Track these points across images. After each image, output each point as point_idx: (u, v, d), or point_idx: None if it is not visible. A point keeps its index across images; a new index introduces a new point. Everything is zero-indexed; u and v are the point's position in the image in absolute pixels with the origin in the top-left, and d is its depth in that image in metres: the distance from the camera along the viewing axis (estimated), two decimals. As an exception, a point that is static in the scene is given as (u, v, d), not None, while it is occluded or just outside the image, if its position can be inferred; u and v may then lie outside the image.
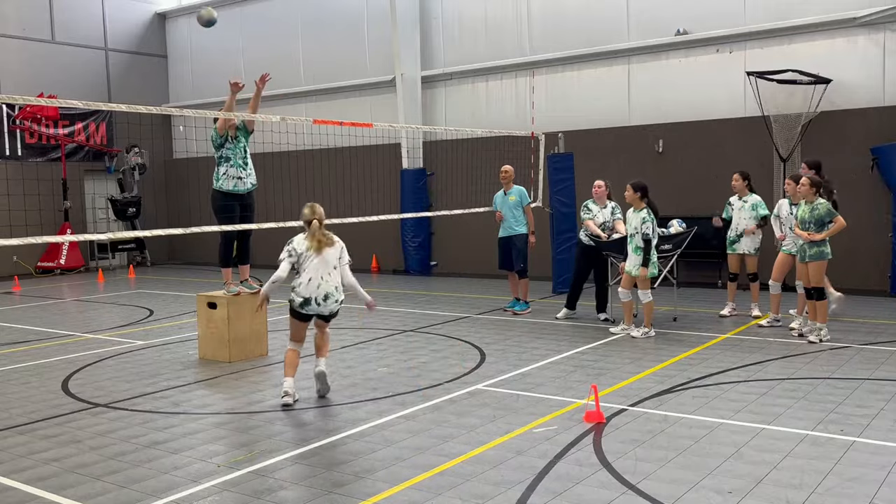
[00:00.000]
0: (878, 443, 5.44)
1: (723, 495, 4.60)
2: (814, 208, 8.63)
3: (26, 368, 8.51)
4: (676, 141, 14.00)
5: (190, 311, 11.99)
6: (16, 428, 6.32)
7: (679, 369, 7.67)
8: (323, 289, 6.65)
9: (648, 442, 5.56)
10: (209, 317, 8.70)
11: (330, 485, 4.92)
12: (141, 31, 21.35)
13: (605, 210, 10.37)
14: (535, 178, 13.19)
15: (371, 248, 17.76)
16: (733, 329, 9.70)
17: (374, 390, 7.20)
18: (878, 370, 7.40)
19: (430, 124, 17.01)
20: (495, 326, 10.31)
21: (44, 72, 18.97)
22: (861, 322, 9.93)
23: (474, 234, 15.75)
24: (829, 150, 12.60)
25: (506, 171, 11.38)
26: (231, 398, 7.14)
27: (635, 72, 14.59)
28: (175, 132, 21.70)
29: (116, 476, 5.18)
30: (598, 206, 10.41)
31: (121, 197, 19.68)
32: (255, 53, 19.89)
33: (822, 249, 8.68)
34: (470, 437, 5.77)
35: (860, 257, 12.46)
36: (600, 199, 10.41)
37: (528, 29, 15.70)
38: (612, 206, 10.41)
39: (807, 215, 8.68)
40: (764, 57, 13.16)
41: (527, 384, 7.25)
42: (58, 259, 18.77)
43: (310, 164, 16.82)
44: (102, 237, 8.50)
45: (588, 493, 4.68)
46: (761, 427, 5.82)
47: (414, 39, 16.85)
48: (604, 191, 10.40)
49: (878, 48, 12.37)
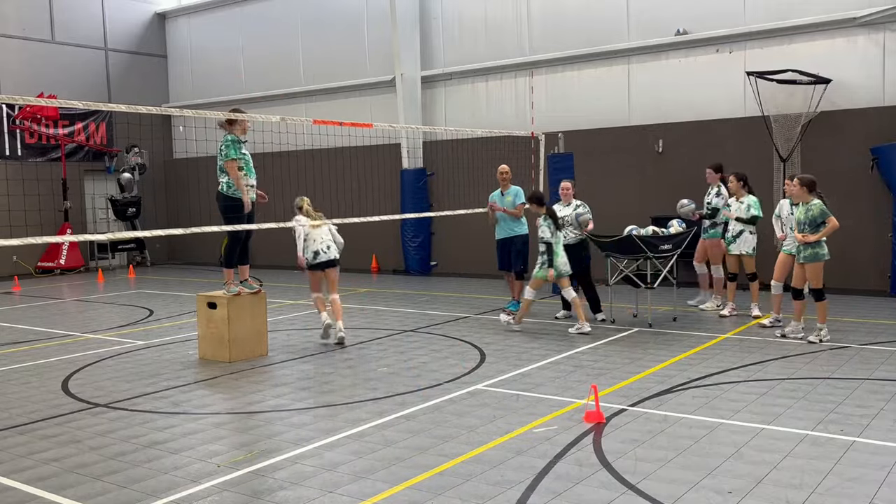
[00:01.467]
0: (878, 443, 5.44)
1: (723, 495, 4.60)
2: (808, 209, 8.64)
3: (26, 368, 8.51)
4: (676, 141, 14.00)
5: (190, 311, 11.99)
6: (16, 428, 6.32)
7: (679, 369, 7.67)
8: (325, 243, 9.39)
9: (648, 442, 5.56)
10: (209, 317, 8.70)
11: (330, 485, 4.93)
12: (141, 31, 21.35)
13: (568, 208, 10.56)
14: (535, 178, 13.19)
15: (371, 248, 17.76)
16: (733, 329, 9.70)
17: (374, 390, 7.20)
18: (878, 370, 7.40)
19: (430, 124, 17.01)
20: (495, 326, 10.31)
21: (44, 72, 18.97)
22: (861, 322, 9.93)
23: (474, 234, 15.74)
24: (829, 150, 12.62)
25: (503, 172, 11.41)
26: (231, 398, 7.14)
27: (635, 72, 14.59)
28: (175, 132, 21.70)
29: (116, 476, 5.18)
30: (563, 205, 10.70)
31: (121, 197, 19.68)
32: (254, 53, 19.90)
33: (818, 251, 8.67)
34: (470, 437, 5.78)
35: (860, 257, 12.46)
36: (566, 198, 10.73)
37: (527, 29, 15.70)
38: (576, 203, 10.67)
39: (802, 216, 8.69)
40: (764, 57, 13.16)
41: (527, 384, 7.25)
42: (58, 259, 18.77)
43: (310, 164, 16.82)
44: (102, 237, 8.50)
45: (588, 493, 4.68)
46: (761, 427, 5.82)
47: (414, 39, 16.86)
48: (570, 191, 10.74)
49: (878, 48, 12.37)
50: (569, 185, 10.79)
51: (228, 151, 8.31)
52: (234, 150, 8.29)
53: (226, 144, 8.36)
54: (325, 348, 9.20)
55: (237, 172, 8.30)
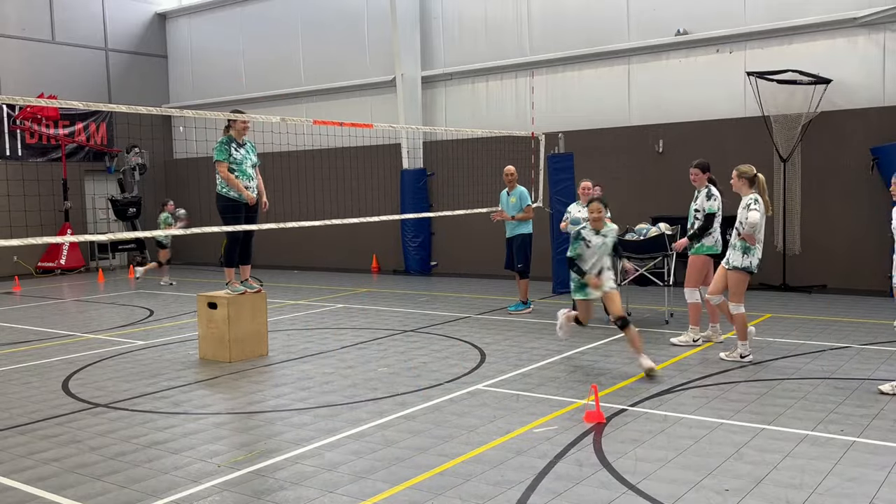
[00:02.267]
0: (878, 443, 5.44)
1: (723, 495, 4.60)
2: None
3: (27, 368, 8.51)
4: (676, 141, 14.00)
5: (190, 311, 11.99)
6: (16, 428, 6.32)
7: (679, 369, 7.67)
8: None
9: (648, 442, 5.56)
10: (209, 317, 8.70)
11: (330, 485, 4.93)
12: (141, 32, 21.36)
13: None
14: (535, 178, 13.20)
15: (371, 248, 17.77)
16: (733, 329, 9.68)
17: (374, 390, 7.20)
18: (878, 370, 7.39)
19: (431, 124, 17.01)
20: (495, 326, 10.31)
21: (44, 72, 18.99)
22: (861, 322, 9.93)
23: (474, 235, 15.76)
24: (829, 150, 12.62)
25: (509, 173, 11.44)
26: (231, 398, 7.14)
27: (635, 72, 14.59)
28: (175, 132, 21.71)
29: (117, 476, 5.18)
30: (582, 205, 10.44)
31: (121, 197, 19.68)
32: (255, 54, 19.90)
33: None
34: (470, 437, 5.78)
35: (860, 257, 12.46)
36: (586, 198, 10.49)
37: (528, 29, 15.71)
38: None
39: None
40: (764, 57, 13.16)
41: (527, 384, 7.26)
42: (58, 259, 18.78)
43: (310, 165, 16.82)
44: (102, 237, 8.50)
45: (588, 493, 4.68)
46: (761, 427, 5.82)
47: (414, 39, 16.86)
48: (590, 191, 10.47)
49: (878, 48, 12.38)
50: (589, 185, 10.49)
51: (216, 154, 8.46)
52: (221, 153, 8.42)
53: (216, 146, 8.49)
54: (325, 348, 9.21)
55: (227, 173, 8.40)
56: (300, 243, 18.36)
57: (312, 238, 17.90)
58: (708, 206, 8.68)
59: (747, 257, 7.79)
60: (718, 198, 8.76)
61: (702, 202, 8.75)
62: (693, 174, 8.80)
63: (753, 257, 7.81)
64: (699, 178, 8.78)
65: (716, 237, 8.78)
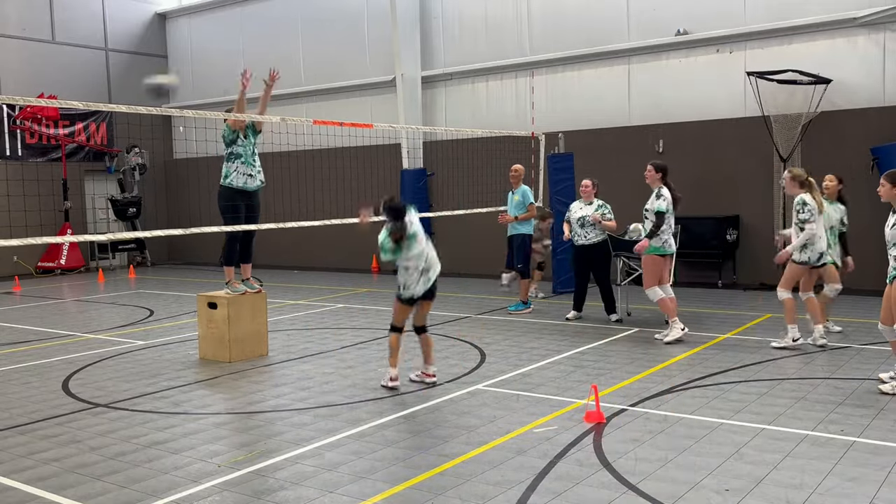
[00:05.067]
0: (878, 443, 5.44)
1: (723, 495, 4.60)
2: None
3: (27, 368, 8.51)
4: (676, 141, 14.00)
5: (190, 311, 11.99)
6: (16, 428, 6.32)
7: (679, 369, 7.67)
8: None
9: (648, 442, 5.56)
10: (209, 317, 8.70)
11: (330, 485, 4.93)
12: (141, 32, 21.36)
13: (589, 207, 10.45)
14: (535, 178, 13.20)
15: (372, 249, 17.66)
16: (733, 329, 9.70)
17: (374, 390, 7.20)
18: (878, 370, 7.39)
19: (431, 124, 17.01)
20: (495, 326, 10.31)
21: (44, 72, 18.98)
22: (861, 322, 9.92)
23: (474, 235, 15.74)
24: (829, 150, 12.61)
25: (513, 171, 11.46)
26: (231, 398, 7.14)
27: (635, 72, 14.59)
28: (175, 132, 21.70)
29: (117, 476, 5.18)
30: (584, 203, 10.54)
31: (121, 197, 19.68)
32: (255, 54, 19.88)
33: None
34: (470, 437, 5.78)
35: (860, 257, 12.44)
36: (587, 196, 10.57)
37: (528, 29, 15.71)
38: (598, 203, 10.52)
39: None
40: (764, 57, 13.16)
41: (527, 384, 7.26)
42: (58, 259, 18.77)
43: (310, 165, 16.81)
44: (102, 237, 8.50)
45: (588, 493, 4.68)
46: (761, 427, 5.82)
47: (414, 39, 16.86)
48: (591, 189, 10.53)
49: (878, 48, 12.37)
50: (590, 183, 10.55)
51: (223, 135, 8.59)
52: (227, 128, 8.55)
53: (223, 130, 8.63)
54: (325, 348, 9.21)
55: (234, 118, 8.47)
56: (300, 243, 18.35)
57: (312, 238, 17.89)
58: (657, 205, 8.92)
59: (805, 252, 8.38)
60: (668, 198, 8.95)
61: (651, 202, 9.01)
62: (647, 172, 9.05)
63: (812, 252, 8.38)
64: (652, 177, 9.02)
65: (664, 238, 8.95)
